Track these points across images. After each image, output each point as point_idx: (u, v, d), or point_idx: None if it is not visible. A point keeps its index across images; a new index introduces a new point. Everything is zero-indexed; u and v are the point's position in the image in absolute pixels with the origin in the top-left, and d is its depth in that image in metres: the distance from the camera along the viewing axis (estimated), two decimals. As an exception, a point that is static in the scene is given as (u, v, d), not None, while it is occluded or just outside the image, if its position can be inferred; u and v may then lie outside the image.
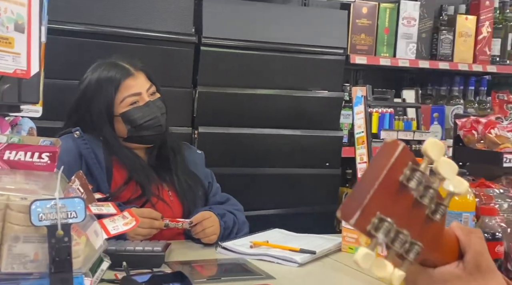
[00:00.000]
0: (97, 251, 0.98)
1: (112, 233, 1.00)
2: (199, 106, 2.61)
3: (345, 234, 1.73)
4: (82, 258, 1.00)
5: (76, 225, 0.98)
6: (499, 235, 1.35)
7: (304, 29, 2.80)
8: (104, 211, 1.12)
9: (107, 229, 1.01)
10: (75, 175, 1.14)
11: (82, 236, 1.03)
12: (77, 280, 0.97)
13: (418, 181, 0.56)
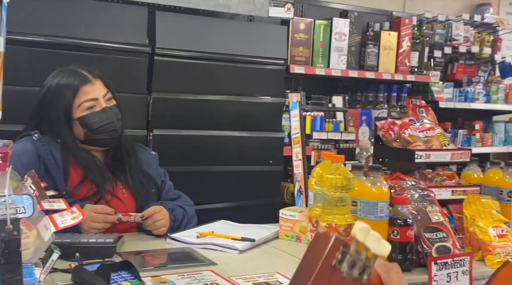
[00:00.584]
0: (46, 243, 0.96)
1: (61, 227, 0.98)
2: (154, 111, 2.58)
3: (282, 223, 1.75)
4: (33, 250, 0.98)
5: (26, 220, 0.95)
6: (410, 221, 1.39)
7: (249, 42, 2.82)
8: (55, 207, 1.09)
9: (56, 223, 0.99)
10: (28, 174, 1.10)
11: (33, 229, 1.01)
12: (27, 270, 0.95)
13: (349, 261, 0.56)
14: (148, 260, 1.42)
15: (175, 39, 2.61)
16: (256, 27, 2.91)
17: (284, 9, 2.84)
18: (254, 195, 2.87)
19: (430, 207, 1.52)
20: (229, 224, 1.86)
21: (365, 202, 1.38)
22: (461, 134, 3.57)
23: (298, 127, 1.93)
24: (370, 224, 1.41)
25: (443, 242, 1.44)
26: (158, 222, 1.68)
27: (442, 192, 1.65)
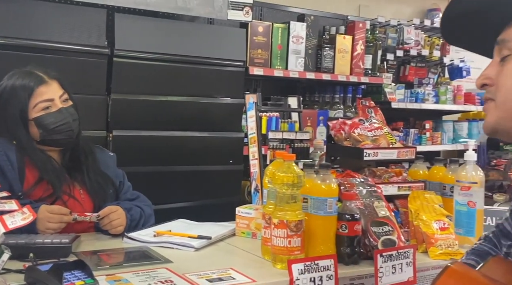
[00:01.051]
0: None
1: (10, 227, 0.97)
2: (113, 112, 2.55)
3: (238, 220, 1.77)
4: (-19, 251, 0.96)
5: (-26, 222, 0.93)
6: (357, 216, 1.43)
7: (209, 44, 2.82)
8: (7, 208, 1.08)
9: (6, 223, 0.97)
10: (-23, 176, 1.08)
11: (-18, 231, 0.99)
12: (-25, 271, 0.93)
13: None
14: (104, 259, 1.41)
15: (134, 41, 2.59)
16: (216, 30, 2.92)
17: (243, 12, 2.86)
18: (215, 194, 2.88)
19: (377, 202, 1.57)
20: (187, 223, 1.86)
21: (315, 198, 1.41)
22: (412, 133, 3.68)
23: (255, 127, 1.95)
24: (320, 220, 1.45)
25: (389, 236, 1.49)
26: (114, 221, 1.67)
27: (389, 188, 1.71)
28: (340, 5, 4.14)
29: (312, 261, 1.32)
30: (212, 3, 2.75)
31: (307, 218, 1.41)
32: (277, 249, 1.37)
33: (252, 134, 1.96)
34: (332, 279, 1.34)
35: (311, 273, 1.31)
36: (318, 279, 1.32)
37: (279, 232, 1.36)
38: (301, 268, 1.30)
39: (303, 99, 3.58)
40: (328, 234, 1.42)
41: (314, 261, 1.32)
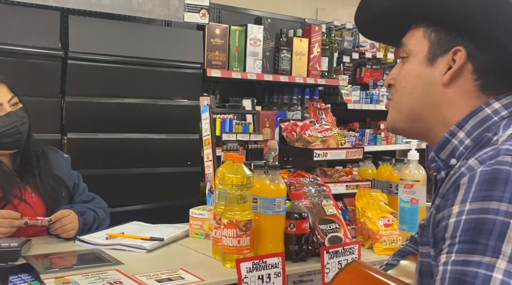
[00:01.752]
0: None
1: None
2: (67, 114, 2.53)
3: (192, 221, 1.79)
4: None
5: None
6: (305, 214, 1.49)
7: (166, 46, 2.83)
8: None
9: None
10: None
11: None
12: None
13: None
14: (55, 262, 1.41)
15: (89, 43, 2.58)
16: (173, 32, 2.93)
17: (199, 14, 2.88)
18: (174, 196, 2.89)
19: (325, 201, 1.63)
20: (141, 225, 1.87)
21: (264, 198, 1.45)
22: (368, 133, 3.79)
23: (209, 129, 1.98)
24: (269, 219, 1.50)
25: (336, 233, 1.55)
26: (66, 225, 1.66)
27: (338, 187, 1.77)
28: (298, 8, 4.22)
29: (260, 259, 1.36)
30: (168, 5, 2.76)
31: (257, 218, 1.46)
32: (227, 248, 1.41)
33: (206, 136, 1.99)
34: (280, 276, 1.38)
35: (259, 271, 1.35)
36: (266, 277, 1.36)
37: (229, 232, 1.40)
38: (249, 267, 1.34)
39: (262, 101, 3.63)
40: (276, 232, 1.46)
41: (262, 259, 1.36)
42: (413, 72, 0.86)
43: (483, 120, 0.79)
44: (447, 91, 0.82)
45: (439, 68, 0.83)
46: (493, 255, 0.61)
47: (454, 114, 0.82)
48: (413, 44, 0.87)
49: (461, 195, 0.66)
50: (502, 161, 0.66)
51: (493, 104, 0.80)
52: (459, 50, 0.81)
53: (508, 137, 0.72)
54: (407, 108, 0.87)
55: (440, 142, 0.82)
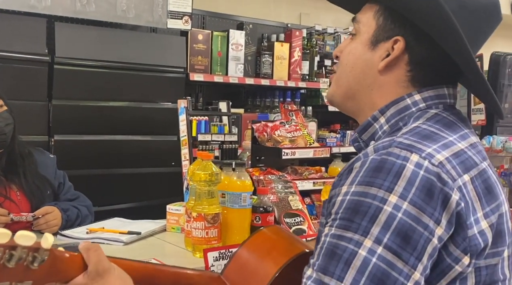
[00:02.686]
0: None
1: None
2: (54, 117, 2.63)
3: (169, 217, 1.90)
4: None
5: None
6: (269, 208, 1.59)
7: (150, 52, 2.93)
8: None
9: None
10: None
11: None
12: None
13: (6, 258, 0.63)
14: (36, 255, 1.51)
15: (75, 49, 2.68)
16: (157, 38, 3.04)
17: (182, 21, 2.99)
18: (157, 195, 2.98)
19: (291, 196, 1.74)
20: (121, 221, 1.97)
21: (231, 193, 1.56)
22: (348, 134, 3.90)
23: (185, 130, 2.09)
24: (235, 212, 1.60)
25: (300, 225, 1.66)
26: (50, 222, 1.77)
27: (305, 184, 1.88)
28: (282, 13, 4.33)
29: (226, 249, 1.46)
30: (151, 12, 2.87)
31: (225, 212, 1.57)
32: (196, 239, 1.52)
33: (183, 137, 2.10)
34: (245, 265, 1.49)
35: (226, 259, 1.46)
36: (232, 265, 1.47)
37: (198, 224, 1.51)
38: (216, 256, 1.44)
39: (246, 103, 3.74)
40: (243, 225, 1.57)
41: (228, 249, 1.47)
42: (356, 51, 0.88)
43: (402, 110, 0.84)
44: (380, 76, 0.86)
45: (379, 53, 0.86)
46: (362, 234, 0.69)
47: (381, 100, 0.86)
48: (363, 23, 0.89)
49: (351, 177, 0.73)
50: (390, 152, 0.72)
51: (414, 95, 0.84)
52: (398, 40, 0.84)
53: (410, 130, 0.78)
54: (345, 85, 0.90)
55: (363, 125, 0.88)
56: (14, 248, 0.63)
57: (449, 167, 0.73)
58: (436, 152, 0.74)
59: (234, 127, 3.27)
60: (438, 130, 0.79)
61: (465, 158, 0.76)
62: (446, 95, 0.86)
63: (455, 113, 0.85)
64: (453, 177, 0.72)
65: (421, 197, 0.69)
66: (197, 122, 2.06)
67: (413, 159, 0.72)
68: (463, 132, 0.82)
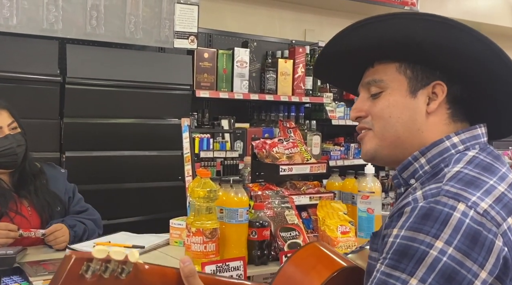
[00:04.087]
0: None
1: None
2: (66, 134, 2.73)
3: (172, 231, 1.97)
4: None
5: None
6: (265, 223, 1.66)
7: (158, 70, 3.03)
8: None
9: None
10: None
11: None
12: None
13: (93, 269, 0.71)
14: (45, 268, 1.59)
15: (85, 69, 2.79)
16: (164, 57, 3.14)
17: (188, 40, 3.09)
18: (164, 209, 3.06)
19: (287, 211, 1.80)
20: (127, 235, 2.05)
21: (228, 209, 1.63)
22: (352, 148, 3.95)
23: (189, 147, 2.17)
24: (233, 227, 1.67)
25: (295, 239, 1.72)
26: (59, 238, 1.85)
27: (302, 199, 1.94)
28: (287, 30, 4.42)
29: (223, 262, 1.53)
30: (158, 33, 2.97)
31: (223, 227, 1.63)
32: (195, 253, 1.58)
33: (186, 154, 2.18)
34: (241, 277, 1.55)
35: (223, 272, 1.52)
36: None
37: (196, 239, 1.57)
38: (213, 269, 1.51)
39: (251, 118, 3.81)
40: (240, 239, 1.63)
41: (225, 262, 1.54)
42: (397, 103, 0.95)
43: (442, 151, 0.90)
44: (429, 118, 0.94)
45: (421, 99, 0.94)
46: (409, 274, 0.76)
47: (431, 138, 0.93)
48: (389, 80, 0.96)
49: (401, 221, 0.80)
50: (439, 201, 0.78)
51: (452, 138, 0.91)
52: (438, 84, 0.93)
53: (453, 175, 0.83)
54: (393, 135, 0.96)
55: (404, 164, 0.93)
56: (109, 261, 0.73)
57: (494, 213, 0.78)
58: (480, 200, 0.79)
59: (239, 141, 3.35)
60: (478, 174, 0.84)
61: (507, 201, 0.82)
62: (480, 135, 0.93)
63: (490, 152, 0.91)
64: (498, 222, 0.78)
65: (466, 243, 0.75)
66: (199, 140, 2.13)
67: (460, 208, 0.77)
68: (501, 172, 0.87)
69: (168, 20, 2.98)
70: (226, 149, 2.09)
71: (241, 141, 3.37)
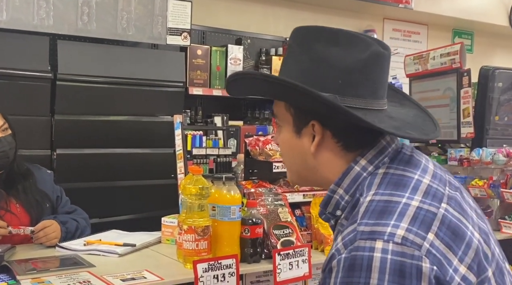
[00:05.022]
0: None
1: None
2: (57, 132, 2.71)
3: (164, 229, 1.95)
4: None
5: None
6: (258, 221, 1.64)
7: (150, 67, 3.01)
8: None
9: None
10: None
11: None
12: None
13: None
14: (34, 266, 1.56)
15: (77, 65, 2.76)
16: (157, 54, 3.12)
17: (181, 37, 3.07)
18: (155, 207, 3.04)
19: (280, 208, 1.79)
20: (118, 233, 2.02)
21: (220, 206, 1.61)
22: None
23: (181, 144, 2.15)
24: (225, 225, 1.65)
25: (288, 237, 1.70)
26: (50, 235, 1.82)
27: (295, 196, 1.93)
28: (281, 27, 4.41)
29: (215, 260, 1.52)
30: (151, 29, 2.95)
31: (216, 224, 1.62)
32: (186, 251, 1.57)
33: (179, 151, 2.16)
34: (233, 276, 1.54)
35: (215, 271, 1.51)
36: (221, 276, 1.52)
37: (188, 237, 1.56)
38: (205, 267, 1.49)
39: (245, 116, 3.80)
40: (232, 237, 1.62)
41: (217, 260, 1.52)
42: (287, 141, 0.94)
43: (355, 178, 0.88)
44: (318, 157, 0.91)
45: (306, 138, 0.91)
46: None
47: (332, 174, 0.90)
48: (281, 117, 0.94)
49: (332, 277, 0.78)
50: (357, 247, 0.76)
51: (360, 161, 0.88)
52: (313, 124, 0.89)
53: (365, 209, 0.81)
54: (295, 171, 0.96)
55: (325, 200, 0.92)
56: None
57: (412, 236, 0.76)
58: (395, 227, 0.77)
59: (233, 139, 3.33)
60: (390, 195, 0.82)
61: (424, 215, 0.79)
62: (385, 146, 0.89)
63: (401, 158, 0.89)
64: (419, 244, 0.76)
65: (395, 280, 0.73)
66: (192, 137, 2.11)
67: (378, 247, 0.76)
68: (414, 180, 0.84)
69: (161, 16, 2.96)
70: (219, 147, 2.06)
71: (234, 139, 3.35)
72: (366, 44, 0.88)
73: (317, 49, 0.88)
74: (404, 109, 1.00)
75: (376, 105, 0.90)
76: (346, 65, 0.87)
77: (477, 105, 2.43)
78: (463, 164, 2.38)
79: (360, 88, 0.88)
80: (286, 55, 0.95)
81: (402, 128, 0.90)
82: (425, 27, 5.53)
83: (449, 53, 2.48)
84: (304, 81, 0.87)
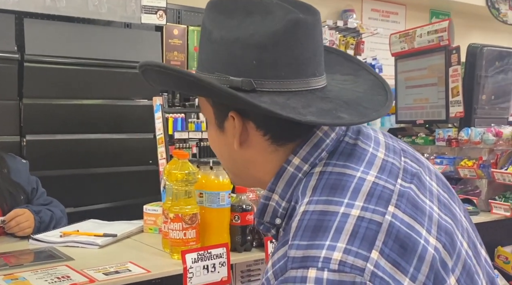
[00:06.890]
0: None
1: None
2: (26, 117, 2.55)
3: (146, 217, 1.85)
4: None
5: None
6: (248, 207, 1.56)
7: (124, 48, 2.87)
8: None
9: None
10: None
11: None
12: None
13: None
14: (6, 261, 1.45)
15: (46, 46, 2.60)
16: (131, 33, 2.97)
17: (156, 16, 2.92)
18: (134, 195, 2.93)
19: (270, 194, 1.71)
20: (97, 223, 1.92)
21: (209, 193, 1.52)
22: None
23: (162, 128, 2.04)
24: (214, 212, 1.56)
25: (280, 223, 1.63)
26: (22, 224, 1.71)
27: (284, 180, 1.85)
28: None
29: (205, 250, 1.43)
30: (124, 7, 2.80)
31: (203, 211, 1.53)
32: (174, 241, 1.48)
33: (159, 135, 2.05)
34: (224, 265, 1.46)
35: (204, 261, 1.43)
36: (211, 267, 1.44)
37: (175, 225, 1.47)
38: (194, 257, 1.41)
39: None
40: (222, 224, 1.54)
41: (207, 250, 1.43)
42: (213, 138, 0.81)
43: (289, 181, 0.75)
44: (245, 154, 0.77)
45: (229, 133, 0.77)
46: None
47: (267, 173, 0.77)
48: (203, 110, 0.81)
49: None
50: (288, 278, 0.64)
51: (293, 160, 0.74)
52: (232, 116, 0.75)
53: (298, 224, 0.67)
54: (230, 170, 0.84)
55: (259, 208, 0.78)
56: None
57: (352, 259, 0.63)
58: (331, 250, 0.64)
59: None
60: (325, 203, 0.68)
61: (366, 227, 0.66)
62: (322, 138, 0.74)
63: (342, 150, 0.74)
64: (360, 267, 0.63)
65: None
66: (173, 120, 2.00)
67: (311, 276, 0.63)
68: (355, 179, 0.70)
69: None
70: (202, 130, 1.97)
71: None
72: (284, 12, 0.72)
73: (230, 24, 0.73)
74: (356, 83, 0.83)
75: (305, 85, 0.74)
76: (258, 41, 0.71)
77: (464, 84, 2.40)
78: (452, 145, 2.35)
79: (280, 67, 0.72)
80: (200, 37, 0.78)
81: (330, 113, 0.72)
82: (403, 7, 5.51)
83: (437, 30, 2.43)
84: (217, 66, 0.73)
